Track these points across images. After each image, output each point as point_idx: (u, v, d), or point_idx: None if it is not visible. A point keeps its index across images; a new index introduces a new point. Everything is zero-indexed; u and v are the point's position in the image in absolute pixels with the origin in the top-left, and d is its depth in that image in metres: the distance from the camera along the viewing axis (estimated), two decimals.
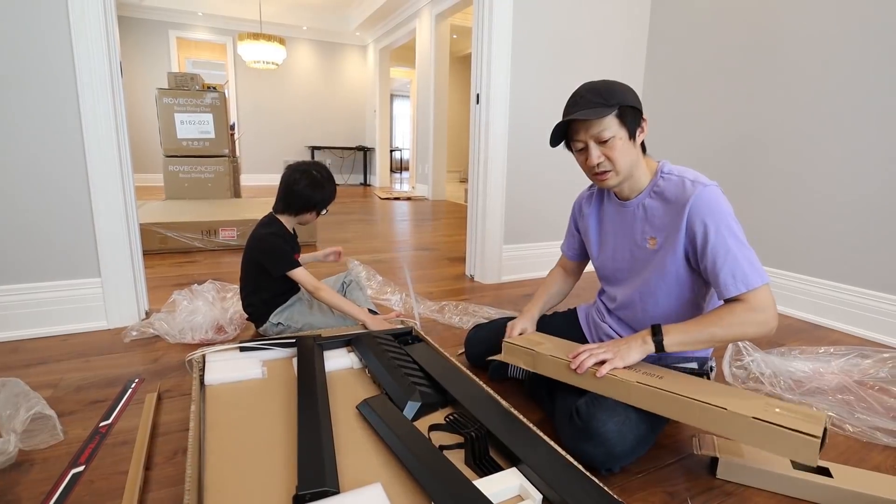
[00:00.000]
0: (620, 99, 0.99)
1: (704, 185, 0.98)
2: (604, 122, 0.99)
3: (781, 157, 2.05)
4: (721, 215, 0.96)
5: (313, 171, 1.56)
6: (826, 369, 1.46)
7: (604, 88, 1.01)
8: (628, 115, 1.00)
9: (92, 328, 1.66)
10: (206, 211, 3.35)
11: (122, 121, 1.64)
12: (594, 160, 1.02)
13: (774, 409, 0.83)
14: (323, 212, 1.64)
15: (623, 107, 0.99)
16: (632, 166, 1.04)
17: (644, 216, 1.08)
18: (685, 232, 0.99)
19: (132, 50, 6.49)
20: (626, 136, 1.01)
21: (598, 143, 1.01)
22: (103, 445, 1.03)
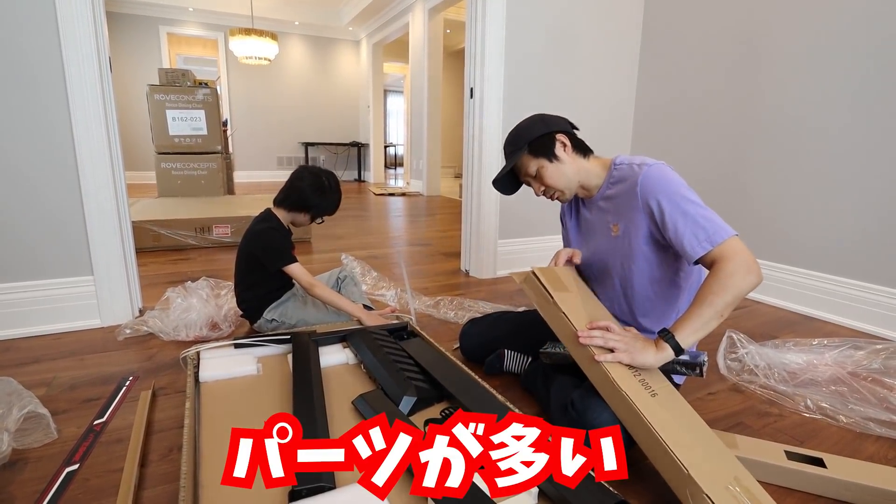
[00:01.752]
0: (526, 138, 1.11)
1: (650, 165, 1.02)
2: (522, 164, 1.13)
3: (774, 151, 2.06)
4: (670, 185, 0.99)
5: (322, 177, 1.56)
6: (820, 361, 1.47)
7: (511, 136, 1.14)
8: (538, 146, 1.10)
9: (85, 326, 1.65)
10: (200, 208, 3.32)
11: (112, 118, 1.63)
12: (537, 192, 1.16)
13: (736, 492, 0.76)
14: (318, 220, 1.63)
15: (531, 142, 1.10)
16: (571, 179, 1.12)
17: (607, 207, 1.12)
18: (643, 212, 1.02)
19: (122, 46, 6.42)
20: (547, 161, 1.10)
21: (533, 179, 1.14)
22: (98, 443, 1.02)
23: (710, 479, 0.77)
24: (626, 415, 0.88)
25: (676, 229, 0.96)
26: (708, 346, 1.57)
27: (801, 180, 1.98)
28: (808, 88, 1.93)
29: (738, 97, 2.18)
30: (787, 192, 2.03)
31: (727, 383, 1.37)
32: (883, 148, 1.73)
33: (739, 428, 1.15)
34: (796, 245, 2.01)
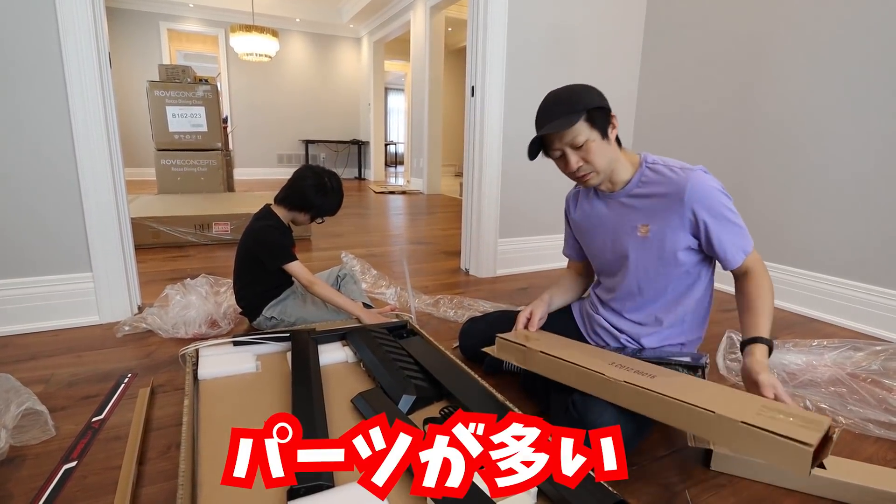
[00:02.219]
0: (586, 103, 1.02)
1: (692, 170, 1.02)
2: (574, 129, 1.01)
3: (776, 153, 2.06)
4: (715, 195, 1.01)
5: (325, 177, 1.56)
6: (819, 362, 1.46)
7: (567, 96, 1.04)
8: (597, 117, 1.02)
9: (83, 323, 1.64)
10: (200, 205, 3.32)
11: (111, 114, 1.62)
12: (573, 165, 1.05)
13: (771, 413, 0.78)
14: (319, 220, 1.62)
15: (590, 110, 1.02)
16: (610, 163, 1.07)
17: (635, 205, 1.10)
18: (688, 217, 1.02)
19: (122, 42, 6.41)
20: (599, 136, 1.03)
21: (574, 149, 1.04)
22: (96, 441, 1.02)
23: (739, 412, 0.77)
24: (635, 400, 0.88)
25: (722, 240, 1.02)
26: (708, 346, 1.57)
27: (801, 182, 1.97)
28: (809, 91, 1.92)
29: (739, 100, 2.18)
30: (788, 193, 2.02)
31: (727, 384, 1.37)
32: (884, 151, 1.72)
33: None
34: (797, 246, 2.01)
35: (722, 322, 1.82)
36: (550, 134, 1.04)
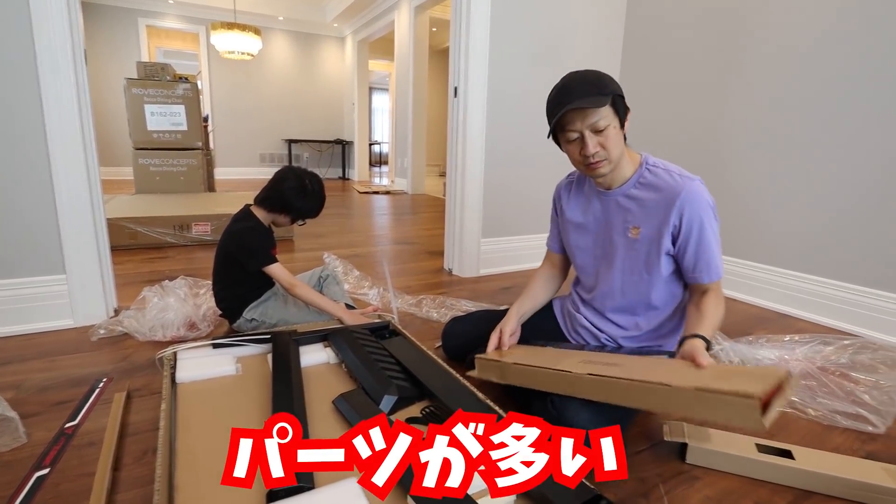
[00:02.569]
0: (613, 88, 1.01)
1: (691, 179, 1.04)
2: (600, 112, 0.99)
3: (751, 153, 2.11)
4: (708, 210, 1.03)
5: (305, 179, 1.54)
6: (791, 356, 1.51)
7: (595, 78, 1.01)
8: (619, 105, 1.02)
9: (57, 327, 1.61)
10: (179, 205, 3.27)
11: (86, 112, 1.59)
12: (591, 149, 1.01)
13: (725, 376, 0.78)
14: (300, 222, 1.61)
15: (615, 96, 1.01)
16: (621, 155, 1.07)
17: (629, 206, 1.10)
18: (673, 222, 1.03)
19: (99, 38, 6.27)
20: (619, 124, 1.03)
21: (594, 133, 1.01)
22: (69, 447, 1.00)
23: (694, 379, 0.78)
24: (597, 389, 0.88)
25: (697, 252, 1.03)
26: None
27: (775, 182, 2.02)
28: (784, 92, 1.97)
29: (717, 99, 2.22)
30: (762, 193, 2.07)
31: None
32: (855, 150, 1.78)
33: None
34: (770, 244, 2.06)
35: None
36: (572, 113, 1.00)
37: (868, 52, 1.72)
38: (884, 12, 1.68)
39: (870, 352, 1.52)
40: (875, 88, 1.71)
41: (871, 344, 1.55)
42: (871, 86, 1.72)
